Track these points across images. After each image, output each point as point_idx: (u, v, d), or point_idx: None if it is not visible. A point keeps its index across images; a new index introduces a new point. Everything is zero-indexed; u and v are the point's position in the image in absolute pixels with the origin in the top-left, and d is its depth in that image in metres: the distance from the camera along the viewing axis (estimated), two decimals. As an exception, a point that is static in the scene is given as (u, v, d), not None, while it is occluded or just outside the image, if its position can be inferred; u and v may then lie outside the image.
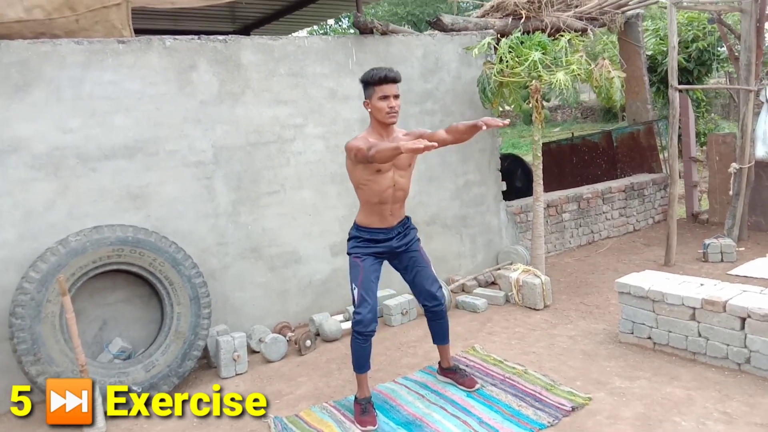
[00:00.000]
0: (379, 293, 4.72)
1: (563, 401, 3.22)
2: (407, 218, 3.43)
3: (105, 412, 3.34)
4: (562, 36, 4.71)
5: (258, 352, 4.22)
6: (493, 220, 5.78)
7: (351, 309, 4.56)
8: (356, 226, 3.31)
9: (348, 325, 4.50)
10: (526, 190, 7.51)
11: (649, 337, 3.78)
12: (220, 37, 4.21)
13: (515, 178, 7.54)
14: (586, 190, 6.54)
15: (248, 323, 4.44)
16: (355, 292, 3.24)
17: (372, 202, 3.21)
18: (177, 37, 4.04)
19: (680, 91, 5.29)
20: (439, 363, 3.63)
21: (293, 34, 8.91)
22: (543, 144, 8.82)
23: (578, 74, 4.49)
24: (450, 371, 3.57)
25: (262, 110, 4.39)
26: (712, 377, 3.37)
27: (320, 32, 19.79)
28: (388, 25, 4.91)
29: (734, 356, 3.38)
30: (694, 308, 3.53)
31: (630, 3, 6.42)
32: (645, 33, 7.90)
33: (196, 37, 4.12)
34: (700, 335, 3.53)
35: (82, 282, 3.59)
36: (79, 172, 3.76)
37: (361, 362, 3.27)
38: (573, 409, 3.15)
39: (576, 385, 3.41)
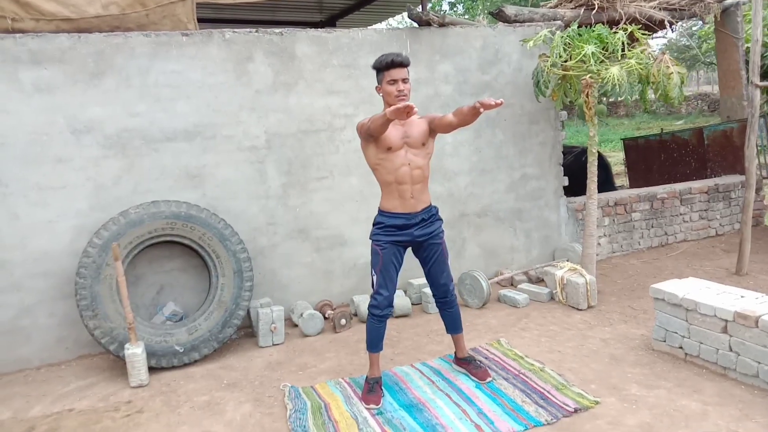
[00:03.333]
0: (419, 281, 4.87)
1: (569, 402, 3.19)
2: (433, 207, 3.47)
3: (148, 367, 3.78)
4: (624, 29, 4.51)
5: (298, 326, 4.51)
6: (552, 215, 5.67)
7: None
8: (379, 212, 3.41)
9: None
10: (602, 186, 7.23)
11: (681, 347, 3.61)
12: (276, 30, 4.48)
13: (592, 174, 7.26)
14: (661, 190, 6.20)
15: (293, 299, 4.74)
16: (374, 278, 3.38)
17: (389, 181, 3.29)
18: (236, 30, 4.36)
19: (762, 88, 4.86)
20: (455, 352, 3.70)
21: (378, 24, 9.11)
22: (631, 139, 8.46)
23: (636, 69, 4.29)
24: (464, 361, 3.63)
25: (314, 100, 4.63)
26: (738, 395, 3.18)
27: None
28: (444, 17, 4.94)
29: (765, 375, 3.16)
30: (726, 320, 3.33)
31: (724, -10, 5.96)
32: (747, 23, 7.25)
33: (253, 30, 4.42)
34: (731, 349, 3.33)
35: (139, 250, 4.04)
36: (144, 152, 4.19)
37: (374, 342, 3.42)
38: (576, 410, 3.12)
39: (590, 388, 3.36)
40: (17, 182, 3.92)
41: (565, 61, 4.59)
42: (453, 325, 3.60)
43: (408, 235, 3.36)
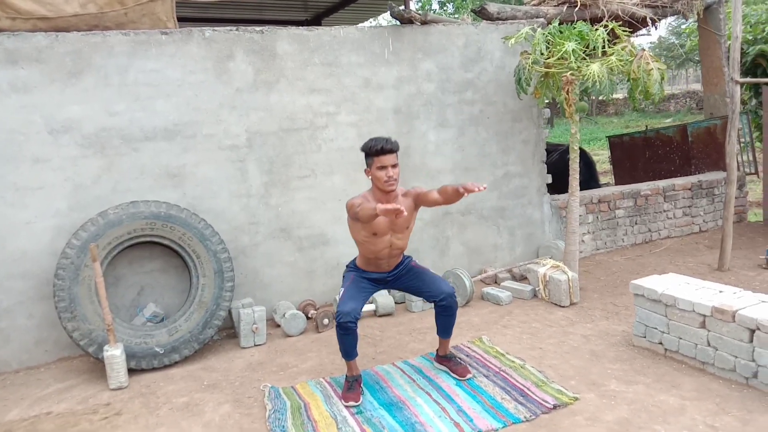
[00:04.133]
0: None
1: (548, 398, 3.20)
2: (405, 258, 3.59)
3: (127, 369, 3.75)
4: (605, 26, 4.53)
5: (280, 326, 4.49)
6: (535, 213, 5.68)
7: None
8: (355, 263, 3.54)
9: (369, 307, 4.67)
10: (586, 184, 7.26)
11: (660, 342, 3.63)
12: (257, 28, 4.46)
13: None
14: (644, 187, 6.23)
15: (276, 299, 4.72)
16: (341, 293, 3.40)
17: (369, 257, 3.43)
18: (216, 28, 4.34)
19: (741, 84, 4.88)
20: (437, 350, 3.69)
21: (364, 22, 9.10)
22: (616, 136, 8.49)
23: (616, 66, 4.30)
24: (445, 359, 3.63)
25: (295, 98, 4.61)
26: (716, 389, 3.19)
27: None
28: (426, 14, 4.94)
29: (742, 369, 3.18)
30: (704, 315, 3.35)
31: (707, -13, 5.99)
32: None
33: (233, 28, 4.39)
34: (709, 344, 3.35)
35: (118, 251, 4.00)
36: (123, 151, 4.16)
37: (347, 351, 3.38)
38: (555, 407, 3.12)
39: (570, 384, 3.37)
40: (-6, 183, 3.88)
41: (547, 59, 4.60)
42: (445, 330, 3.57)
43: (380, 278, 3.51)
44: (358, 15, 8.65)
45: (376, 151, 3.21)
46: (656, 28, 6.31)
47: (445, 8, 20.89)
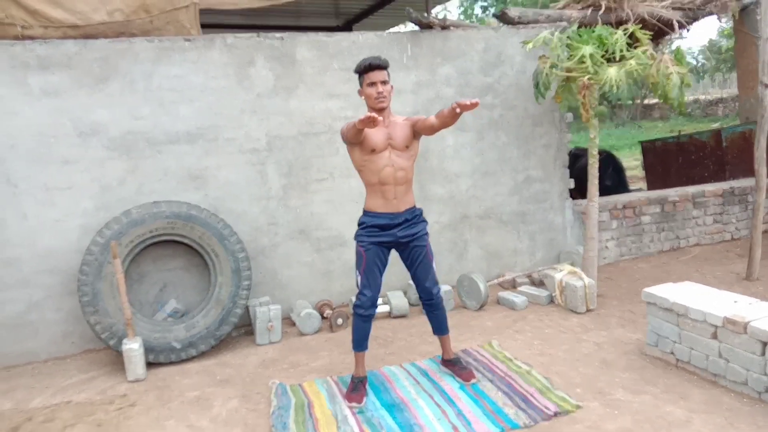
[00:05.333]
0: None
1: (550, 405, 3.18)
2: (417, 208, 3.50)
3: (146, 363, 3.91)
4: (625, 29, 4.47)
5: (296, 325, 4.58)
6: (557, 218, 5.62)
7: (389, 294, 4.80)
8: (364, 212, 3.45)
9: (383, 308, 4.72)
10: (615, 189, 7.15)
11: (672, 352, 3.56)
12: (278, 35, 4.57)
13: (605, 176, 7.18)
14: (672, 193, 6.08)
15: (294, 298, 4.82)
16: (358, 278, 3.43)
17: (373, 182, 3.35)
18: (237, 35, 4.47)
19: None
20: (442, 354, 3.72)
21: (395, 28, 9.16)
22: (649, 141, 8.31)
23: (635, 70, 4.24)
24: (450, 363, 3.65)
25: (314, 103, 4.70)
26: (727, 403, 3.12)
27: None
28: (445, 20, 4.96)
29: (753, 383, 3.10)
30: (716, 326, 3.27)
31: (741, -11, 5.82)
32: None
33: (255, 34, 4.52)
34: (720, 356, 3.27)
35: (141, 249, 4.17)
36: (147, 154, 4.33)
37: (359, 341, 3.47)
38: (556, 414, 3.11)
39: (575, 392, 3.34)
40: (26, 182, 4.09)
41: (568, 63, 4.56)
42: (439, 327, 3.62)
43: (391, 236, 3.39)
44: (388, 20, 8.72)
45: (365, 67, 3.23)
46: (688, 31, 6.12)
47: (486, 12, 20.84)
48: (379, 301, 4.85)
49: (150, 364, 4.01)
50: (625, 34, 4.36)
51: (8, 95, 4.02)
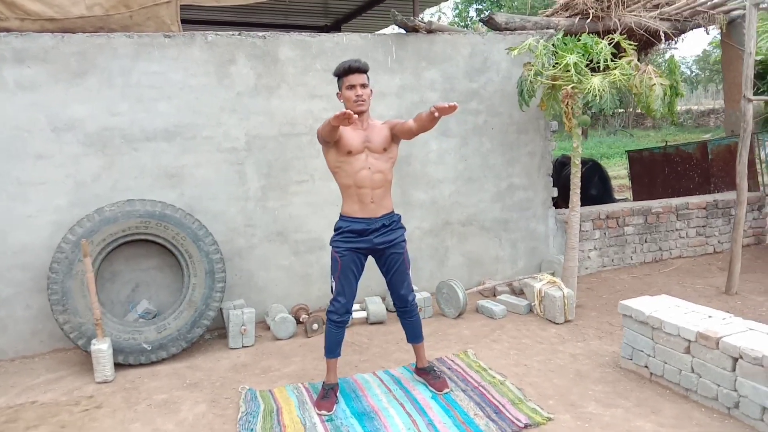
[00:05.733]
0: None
1: (521, 417, 3.14)
2: (395, 214, 3.44)
3: (114, 364, 3.84)
4: (611, 39, 4.45)
5: (270, 329, 4.52)
6: (539, 226, 5.60)
7: (366, 300, 4.75)
8: (340, 216, 3.38)
9: (360, 314, 4.67)
10: (601, 199, 7.14)
11: (646, 366, 3.54)
12: (260, 33, 4.52)
13: (591, 185, 7.18)
14: (656, 204, 6.08)
15: (270, 301, 4.76)
16: (333, 284, 3.38)
17: (348, 184, 3.27)
18: (218, 33, 4.41)
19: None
20: (416, 362, 3.67)
21: (385, 29, 9.12)
22: (636, 151, 8.31)
23: (618, 80, 4.22)
24: (423, 371, 3.60)
25: (296, 103, 4.65)
26: (697, 418, 3.09)
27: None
28: (431, 23, 4.92)
29: (724, 399, 3.07)
30: (689, 341, 3.25)
31: (728, 2, 5.82)
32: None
33: (236, 33, 4.46)
34: (693, 371, 3.24)
35: (113, 247, 4.10)
36: (124, 150, 4.26)
37: (331, 348, 3.41)
38: (526, 426, 3.07)
39: (547, 404, 3.30)
40: (-2, 177, 4.02)
41: (554, 71, 4.54)
42: (413, 334, 3.57)
43: (368, 242, 3.33)
44: (378, 21, 8.68)
45: (344, 70, 3.18)
46: (675, 42, 6.11)
47: (482, 14, 20.86)
48: (357, 306, 4.80)
49: (119, 365, 3.94)
50: (610, 44, 4.33)
51: (-18, 88, 3.94)
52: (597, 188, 7.12)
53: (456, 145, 5.19)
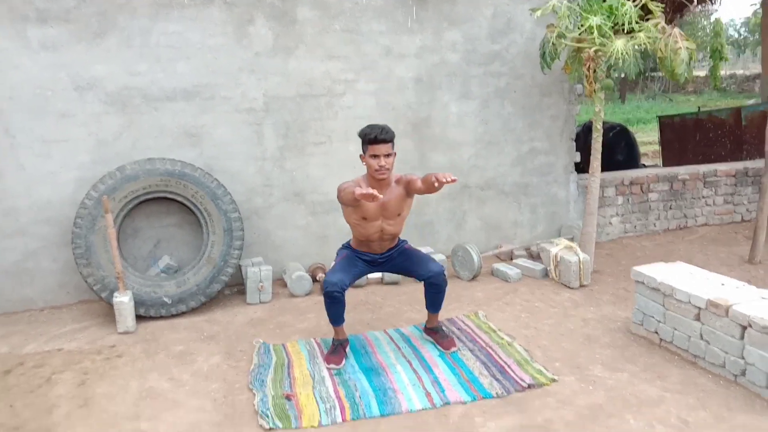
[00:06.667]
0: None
1: (525, 377, 3.18)
2: (400, 242, 3.60)
3: (136, 316, 4.00)
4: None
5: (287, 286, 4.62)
6: (560, 191, 5.54)
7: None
8: (348, 244, 3.59)
9: (375, 274, 4.73)
10: (626, 164, 7.00)
11: (656, 332, 3.52)
12: (278, -7, 4.50)
13: (617, 151, 7.04)
14: (682, 170, 5.94)
15: (288, 260, 4.86)
16: (333, 265, 3.47)
17: (360, 239, 3.47)
18: (237, -8, 4.41)
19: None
20: (426, 322, 3.72)
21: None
22: (667, 117, 8.09)
23: (643, 43, 4.09)
24: (432, 330, 3.66)
25: (314, 64, 4.65)
26: (702, 384, 3.08)
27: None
28: (453, -17, 4.82)
29: (731, 366, 3.05)
30: (699, 308, 3.22)
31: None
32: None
33: (254, -8, 4.46)
34: (702, 338, 3.22)
35: (134, 204, 4.22)
36: (143, 110, 4.34)
37: (334, 318, 3.44)
38: (530, 386, 3.11)
39: (553, 366, 3.33)
40: (24, 134, 4.14)
41: (580, 33, 4.42)
42: (432, 304, 3.59)
43: (372, 259, 3.54)
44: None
45: (370, 139, 3.23)
46: (713, 3, 5.84)
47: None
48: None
49: (141, 317, 4.09)
50: (636, 6, 4.19)
51: (9, 47, 4.04)
52: (623, 154, 6.97)
53: (476, 107, 5.13)
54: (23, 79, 4.08)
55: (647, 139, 13.25)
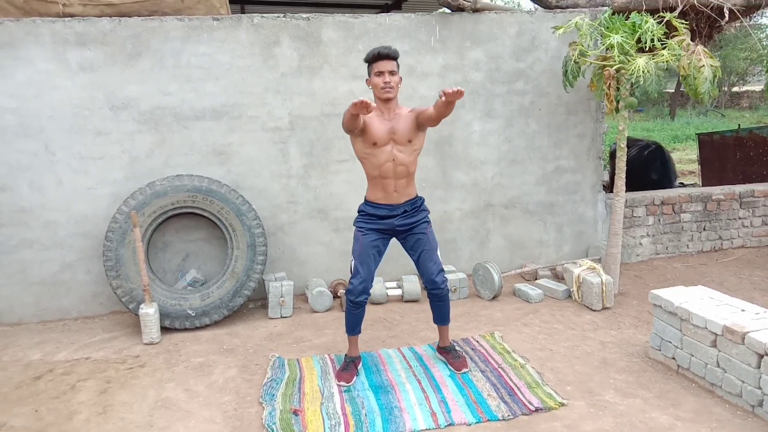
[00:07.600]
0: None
1: (534, 400, 3.16)
2: (418, 199, 3.52)
3: (161, 327, 4.15)
4: (662, 16, 4.24)
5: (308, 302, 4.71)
6: (588, 211, 5.47)
7: (403, 278, 4.84)
8: (364, 200, 3.52)
9: (395, 292, 4.78)
10: (660, 182, 6.85)
11: (674, 357, 3.44)
12: (304, 15, 4.63)
13: (652, 169, 6.89)
14: (717, 191, 5.77)
15: (311, 275, 4.95)
16: (352, 263, 3.50)
17: (373, 175, 3.39)
18: (264, 15, 4.56)
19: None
20: (438, 341, 3.74)
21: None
22: (706, 134, 7.87)
23: (666, 61, 4.03)
24: (444, 351, 3.67)
25: (338, 84, 4.75)
26: (718, 413, 3.00)
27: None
28: (476, 2, 4.86)
29: (747, 396, 2.96)
30: (716, 334, 3.13)
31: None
32: None
33: (281, 15, 4.60)
34: (718, 365, 3.13)
35: (162, 219, 4.39)
36: (175, 128, 4.53)
37: (351, 326, 3.53)
38: (537, 410, 3.09)
39: (564, 390, 3.30)
40: (63, 151, 4.38)
41: (606, 50, 4.40)
42: (440, 317, 3.61)
43: (389, 225, 3.44)
44: (438, -1, 8.59)
45: (374, 56, 3.23)
46: (749, 19, 5.69)
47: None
48: (393, 284, 4.91)
49: (166, 329, 4.24)
50: (660, 23, 4.14)
51: (51, 70, 4.29)
52: (658, 173, 6.82)
53: (500, 126, 5.13)
54: (63, 99, 4.33)
55: (693, 156, 12.89)
